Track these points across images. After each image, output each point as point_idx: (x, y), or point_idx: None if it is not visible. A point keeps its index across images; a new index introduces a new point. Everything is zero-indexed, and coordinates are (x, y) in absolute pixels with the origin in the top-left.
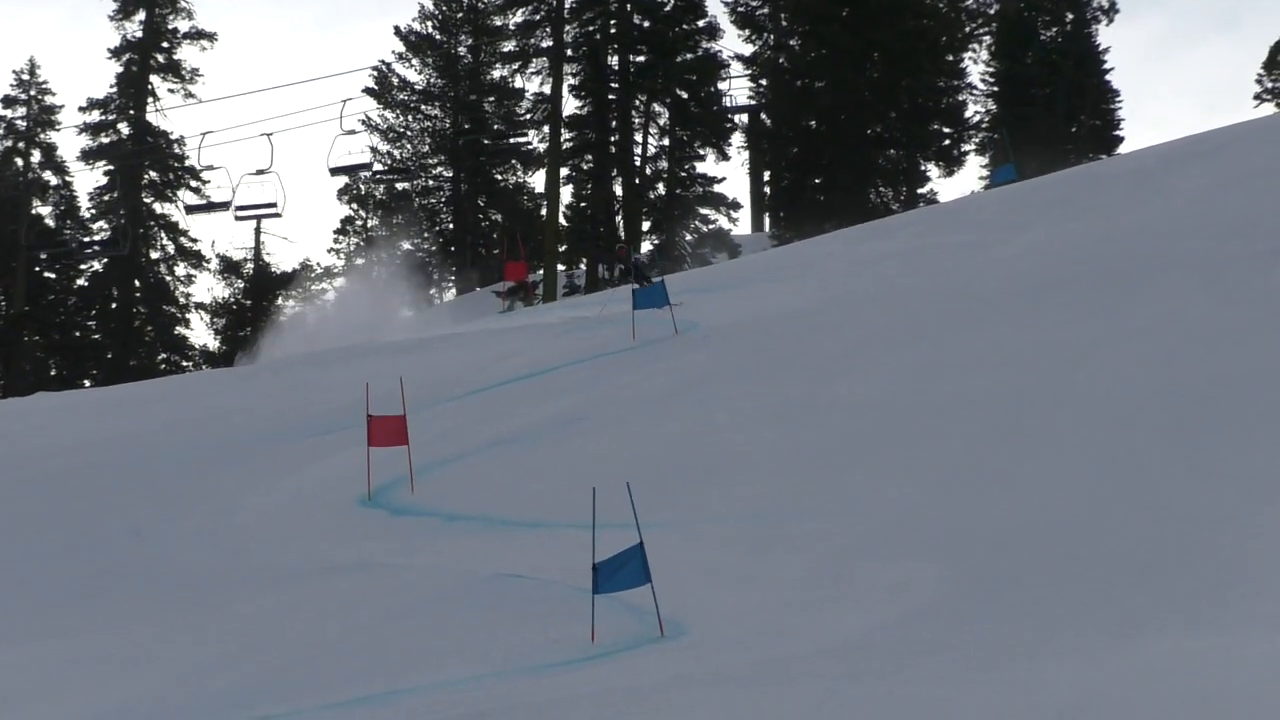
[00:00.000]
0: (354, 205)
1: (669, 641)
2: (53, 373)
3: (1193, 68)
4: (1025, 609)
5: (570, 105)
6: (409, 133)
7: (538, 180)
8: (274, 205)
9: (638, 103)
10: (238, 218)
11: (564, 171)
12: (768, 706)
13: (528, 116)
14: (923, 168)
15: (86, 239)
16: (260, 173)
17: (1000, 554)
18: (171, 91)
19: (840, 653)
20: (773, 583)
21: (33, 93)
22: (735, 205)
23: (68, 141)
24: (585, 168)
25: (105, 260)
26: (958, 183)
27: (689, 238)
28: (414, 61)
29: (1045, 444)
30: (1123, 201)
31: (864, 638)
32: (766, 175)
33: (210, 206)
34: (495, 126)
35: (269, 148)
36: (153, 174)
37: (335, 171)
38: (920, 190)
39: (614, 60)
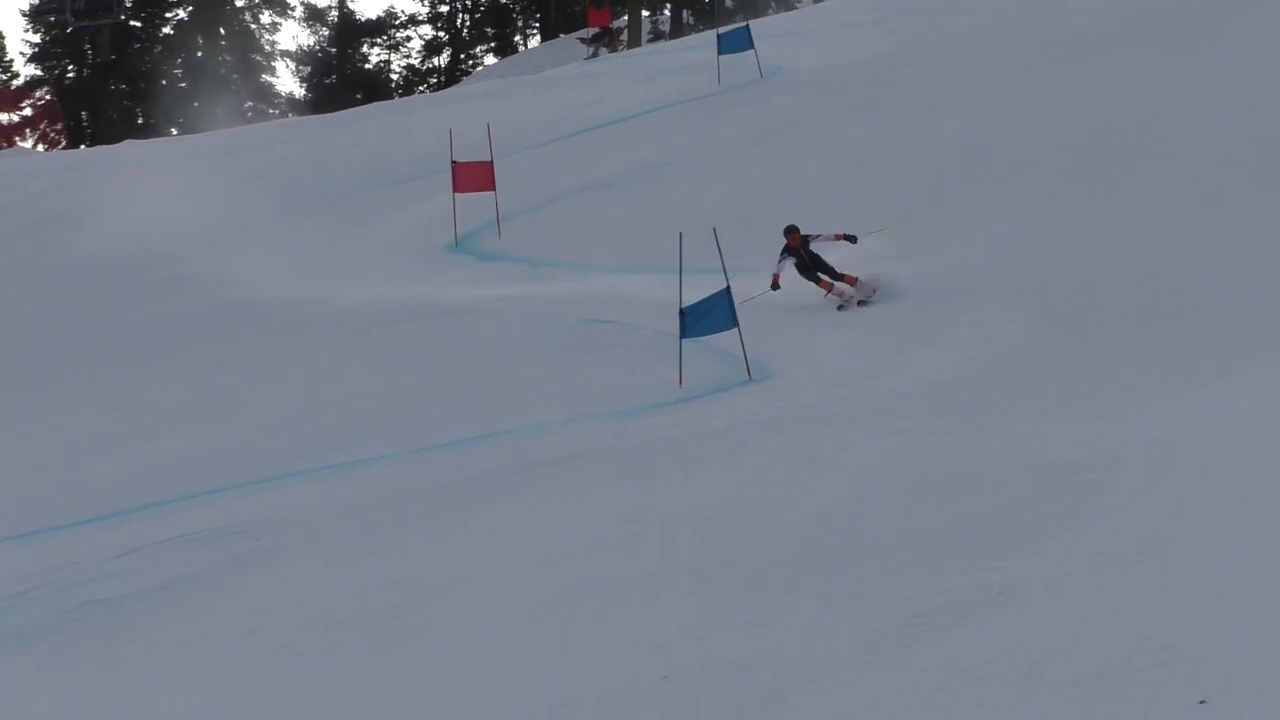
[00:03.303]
0: None
1: (756, 385)
2: (139, 121)
3: None
4: (1114, 352)
5: None
6: None
7: None
8: None
9: None
10: None
11: None
12: (854, 446)
13: None
14: None
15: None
16: None
17: (1089, 298)
18: None
19: (926, 394)
20: (859, 326)
21: None
22: None
23: None
24: None
25: (190, 9)
26: None
27: None
28: None
29: (1134, 187)
30: None
31: (950, 380)
32: None
33: None
34: None
35: None
36: None
37: None
38: None
39: None
